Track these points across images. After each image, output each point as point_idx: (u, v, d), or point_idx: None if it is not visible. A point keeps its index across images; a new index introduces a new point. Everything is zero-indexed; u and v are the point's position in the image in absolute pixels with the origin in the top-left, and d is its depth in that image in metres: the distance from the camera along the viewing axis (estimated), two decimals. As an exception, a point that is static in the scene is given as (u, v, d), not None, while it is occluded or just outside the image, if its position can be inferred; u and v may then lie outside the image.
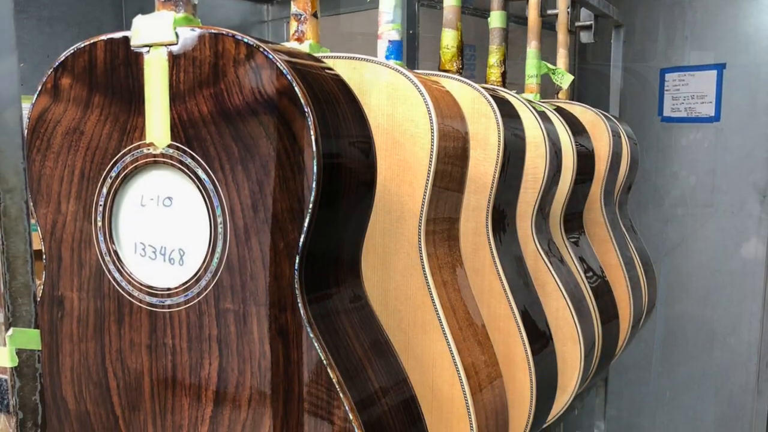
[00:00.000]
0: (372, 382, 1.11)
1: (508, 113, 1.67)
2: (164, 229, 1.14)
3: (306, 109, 1.01)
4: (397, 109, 1.34)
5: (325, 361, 1.04)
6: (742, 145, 4.03)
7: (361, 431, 1.03)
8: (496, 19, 2.11)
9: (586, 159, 2.25)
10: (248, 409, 1.09)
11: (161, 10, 1.10)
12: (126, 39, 1.12)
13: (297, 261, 1.04)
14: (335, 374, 1.04)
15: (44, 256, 1.22)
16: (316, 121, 1.01)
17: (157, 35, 1.09)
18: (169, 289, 1.13)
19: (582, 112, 2.50)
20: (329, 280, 1.13)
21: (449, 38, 1.71)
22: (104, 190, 1.16)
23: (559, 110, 2.24)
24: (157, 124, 1.10)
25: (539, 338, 1.73)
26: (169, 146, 1.10)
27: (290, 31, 1.30)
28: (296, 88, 1.01)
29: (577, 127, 2.25)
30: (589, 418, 3.87)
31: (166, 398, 1.15)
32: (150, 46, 1.10)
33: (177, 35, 1.08)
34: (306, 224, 1.03)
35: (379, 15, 1.47)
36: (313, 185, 1.02)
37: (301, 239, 1.03)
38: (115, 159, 1.14)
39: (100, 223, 1.17)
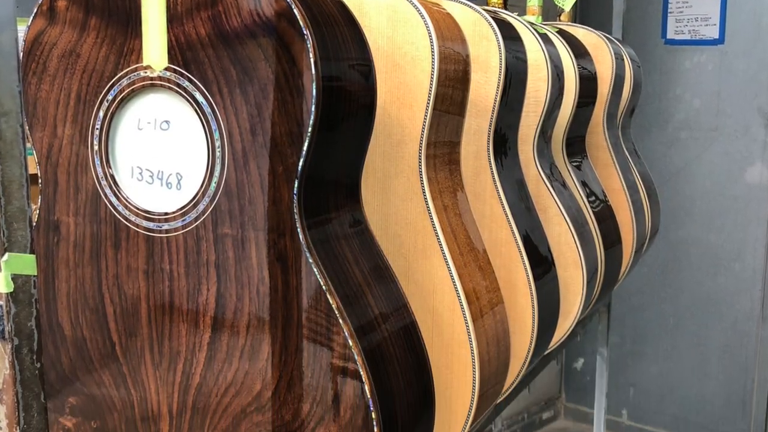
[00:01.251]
0: (372, 308, 1.11)
1: (510, 36, 1.65)
2: (161, 153, 1.13)
3: (305, 32, 1.00)
4: (397, 31, 1.32)
5: (324, 287, 1.04)
6: (746, 69, 4.00)
7: (360, 357, 1.03)
8: (498, -60, 2.08)
9: (588, 82, 2.24)
10: (246, 336, 1.09)
11: (157, -70, 1.09)
12: (122, -40, 1.11)
13: (296, 185, 1.04)
14: (334, 300, 1.04)
15: (40, 181, 1.21)
16: (315, 43, 1.00)
17: (153, -44, 1.08)
18: (166, 214, 1.13)
19: (584, 34, 2.48)
20: (328, 205, 1.12)
21: (451, -41, 1.69)
22: (101, 114, 1.15)
23: (562, 33, 2.22)
24: (155, 46, 1.09)
25: (541, 263, 1.72)
26: (167, 69, 1.09)
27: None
28: (295, 10, 1.00)
29: (579, 50, 2.23)
30: (591, 344, 3.91)
31: (164, 324, 1.15)
32: (146, -34, 1.09)
33: (173, -45, 1.07)
34: (305, 148, 1.02)
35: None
36: (312, 108, 1.01)
37: (300, 163, 1.03)
38: (111, 82, 1.13)
39: (96, 147, 1.16)
